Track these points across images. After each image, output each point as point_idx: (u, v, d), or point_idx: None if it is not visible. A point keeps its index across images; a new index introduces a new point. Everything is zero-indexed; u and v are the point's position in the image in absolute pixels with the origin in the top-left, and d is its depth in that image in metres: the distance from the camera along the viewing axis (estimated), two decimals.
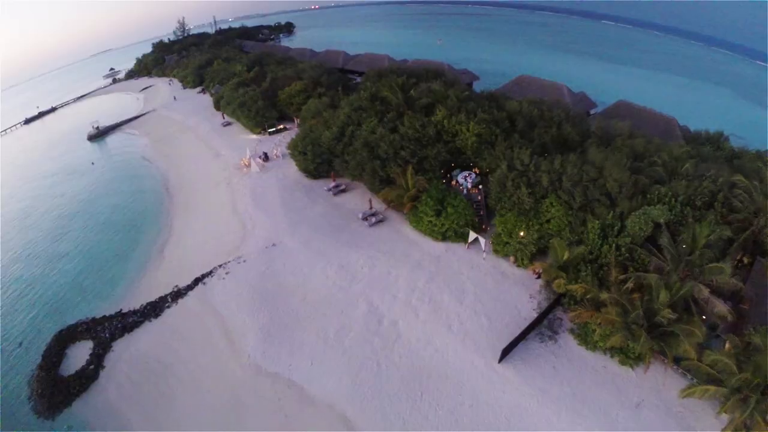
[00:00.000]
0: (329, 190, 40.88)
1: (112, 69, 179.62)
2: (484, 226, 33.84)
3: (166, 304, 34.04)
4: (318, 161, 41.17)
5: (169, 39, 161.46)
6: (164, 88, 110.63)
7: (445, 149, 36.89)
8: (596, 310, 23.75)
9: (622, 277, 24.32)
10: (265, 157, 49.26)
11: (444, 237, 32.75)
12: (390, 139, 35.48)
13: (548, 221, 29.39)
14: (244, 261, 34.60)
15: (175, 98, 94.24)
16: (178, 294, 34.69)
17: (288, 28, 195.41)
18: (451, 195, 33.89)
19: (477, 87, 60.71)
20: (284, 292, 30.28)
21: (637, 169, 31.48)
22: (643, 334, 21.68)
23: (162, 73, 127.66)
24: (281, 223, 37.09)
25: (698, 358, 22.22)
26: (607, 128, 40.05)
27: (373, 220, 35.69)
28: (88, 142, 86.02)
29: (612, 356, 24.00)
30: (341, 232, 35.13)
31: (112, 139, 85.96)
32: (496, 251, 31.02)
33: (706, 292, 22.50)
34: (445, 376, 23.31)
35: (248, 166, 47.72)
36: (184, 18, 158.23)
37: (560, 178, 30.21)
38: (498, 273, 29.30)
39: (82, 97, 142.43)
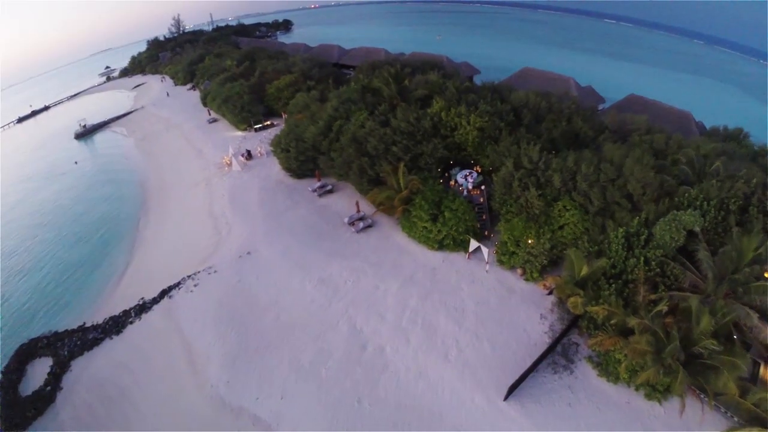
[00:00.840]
0: (314, 191, 36.60)
1: (107, 67, 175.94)
2: (487, 233, 29.59)
3: (129, 320, 30.39)
4: (302, 159, 36.85)
5: (165, 37, 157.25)
6: (156, 85, 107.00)
7: (443, 145, 32.63)
8: (622, 336, 19.64)
9: (652, 297, 20.18)
10: (248, 155, 45.12)
11: (441, 245, 28.51)
12: (380, 133, 31.25)
13: (561, 228, 25.18)
14: (215, 272, 30.54)
15: (168, 94, 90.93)
16: (142, 308, 31.00)
17: (286, 26, 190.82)
18: (449, 197, 29.71)
19: (478, 80, 56.47)
20: (255, 310, 26.17)
21: (659, 168, 27.35)
22: (681, 370, 17.58)
23: (155, 71, 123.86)
24: (258, 228, 32.93)
25: (740, 393, 18.32)
26: (622, 122, 35.95)
27: (361, 225, 31.34)
28: (75, 141, 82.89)
29: (636, 389, 19.90)
30: (324, 239, 30.92)
31: (98, 138, 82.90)
32: (500, 262, 26.77)
33: (755, 318, 18.37)
34: (439, 417, 19.18)
35: (230, 165, 43.67)
36: (179, 15, 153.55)
37: (574, 177, 26.09)
38: (503, 288, 25.06)
39: (75, 95, 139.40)
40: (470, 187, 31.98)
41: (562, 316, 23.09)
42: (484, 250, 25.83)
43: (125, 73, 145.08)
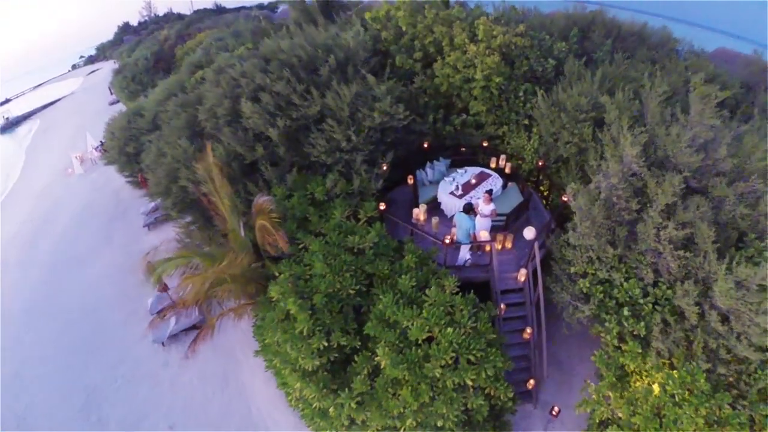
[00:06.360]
0: (146, 215, 18.26)
1: (82, 56, 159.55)
2: (532, 384, 8.35)
3: None
4: (131, 150, 18.32)
5: (139, 22, 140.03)
6: (107, 69, 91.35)
7: (397, 94, 11.08)
8: None
9: None
10: (102, 149, 27.19)
11: None
12: (234, 74, 11.46)
13: None
14: None
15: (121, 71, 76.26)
16: None
17: (271, 8, 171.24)
18: (405, 271, 7.73)
19: None
20: None
21: None
22: None
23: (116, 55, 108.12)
24: (15, 302, 15.05)
25: None
26: None
27: (172, 324, 11.89)
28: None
29: None
30: (94, 357, 12.15)
31: (21, 130, 68.36)
32: None
33: None
34: None
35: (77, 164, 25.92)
36: None
37: None
38: None
39: (38, 86, 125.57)
40: (481, 230, 9.37)
41: None
42: None
43: (90, 60, 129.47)
